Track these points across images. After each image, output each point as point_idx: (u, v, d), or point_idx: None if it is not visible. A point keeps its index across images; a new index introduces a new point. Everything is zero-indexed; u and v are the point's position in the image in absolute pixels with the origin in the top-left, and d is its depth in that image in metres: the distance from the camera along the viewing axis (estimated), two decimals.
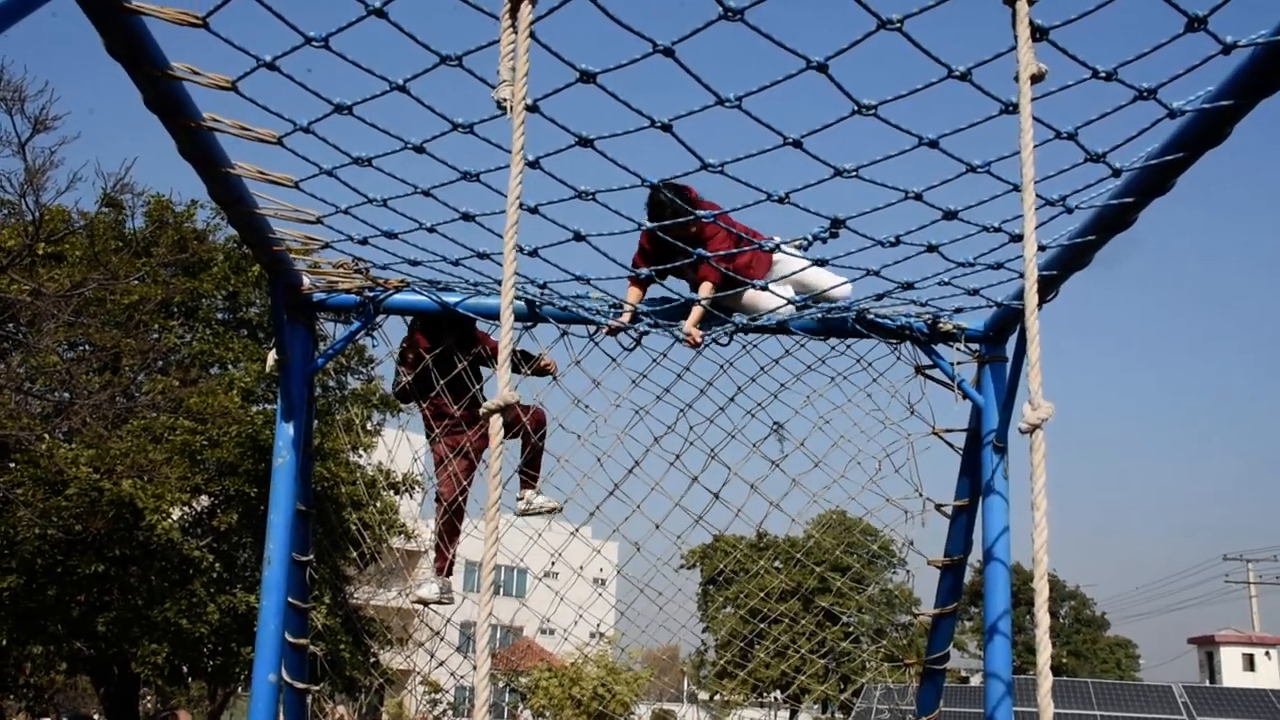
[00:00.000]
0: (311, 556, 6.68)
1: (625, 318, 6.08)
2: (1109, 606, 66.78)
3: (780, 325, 6.08)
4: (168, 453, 17.01)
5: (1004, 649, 5.99)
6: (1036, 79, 3.03)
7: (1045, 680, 2.67)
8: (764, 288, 5.74)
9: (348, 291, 6.42)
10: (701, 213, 5.39)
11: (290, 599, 6.34)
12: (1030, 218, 2.92)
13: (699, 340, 5.97)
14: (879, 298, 5.79)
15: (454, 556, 6.87)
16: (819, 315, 6.00)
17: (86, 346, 17.88)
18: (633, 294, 6.21)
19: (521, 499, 6.93)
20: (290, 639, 6.38)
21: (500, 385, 2.82)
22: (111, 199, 21.14)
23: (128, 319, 16.21)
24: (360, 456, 22.00)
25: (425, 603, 6.92)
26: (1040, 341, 5.59)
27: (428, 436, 6.86)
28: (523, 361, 6.75)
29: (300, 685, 6.59)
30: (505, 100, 2.99)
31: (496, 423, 2.78)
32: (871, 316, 5.96)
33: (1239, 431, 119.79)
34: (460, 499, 6.76)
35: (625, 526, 6.69)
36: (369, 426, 22.68)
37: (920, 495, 6.38)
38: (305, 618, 6.63)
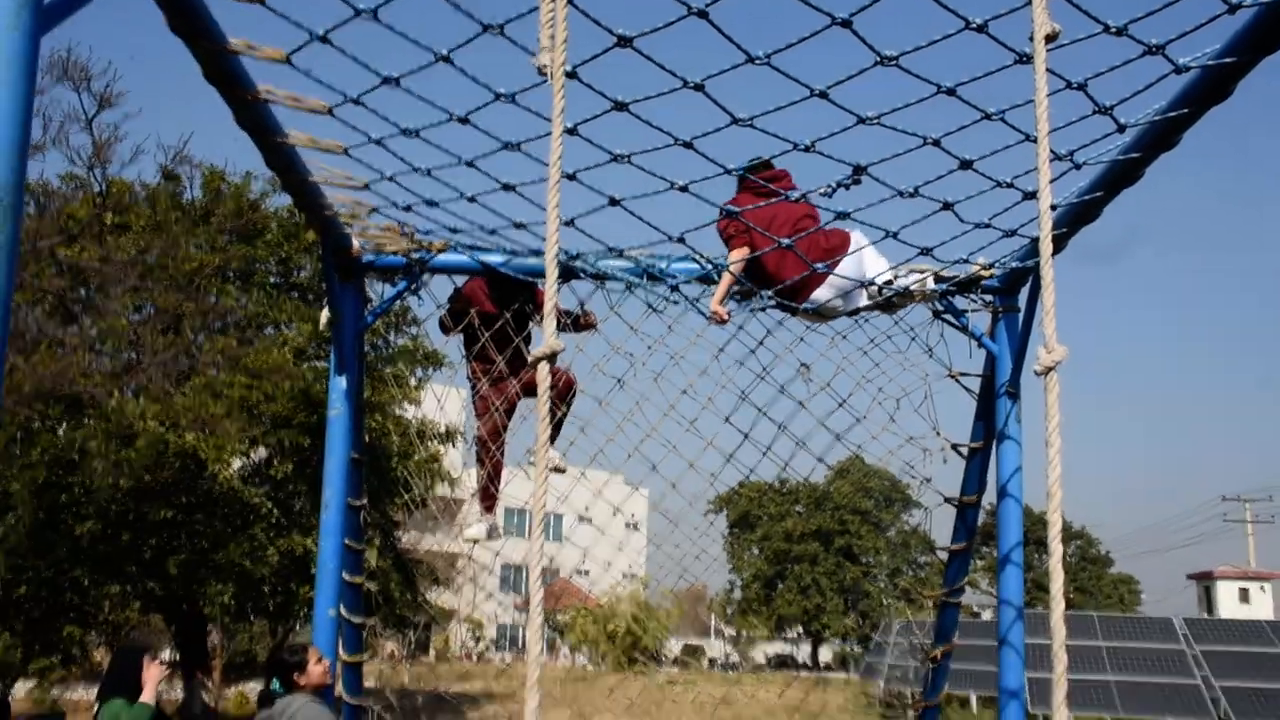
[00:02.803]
0: (365, 501, 6.71)
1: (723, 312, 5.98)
2: (1113, 546, 66.73)
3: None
4: (227, 407, 17.08)
5: (1016, 578, 6.03)
6: (1051, 39, 2.99)
7: (1058, 605, 2.67)
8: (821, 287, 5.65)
9: (394, 253, 6.42)
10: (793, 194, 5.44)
11: (346, 541, 6.40)
12: (1045, 171, 2.89)
13: (725, 317, 5.89)
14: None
15: (498, 494, 6.88)
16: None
17: (151, 309, 17.97)
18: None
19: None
20: (347, 578, 6.44)
21: (546, 335, 2.81)
22: (170, 172, 21.22)
23: (188, 283, 16.27)
24: (406, 410, 22.08)
25: (475, 541, 6.94)
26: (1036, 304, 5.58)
27: (472, 386, 6.86)
28: (565, 317, 6.73)
29: (356, 619, 6.65)
30: (546, 66, 2.96)
31: (544, 370, 2.78)
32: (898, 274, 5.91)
33: (1237, 380, 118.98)
34: (502, 444, 6.77)
35: (657, 469, 6.66)
36: (414, 381, 22.78)
37: (939, 434, 6.35)
38: (360, 558, 6.68)
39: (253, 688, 28.78)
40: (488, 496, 6.88)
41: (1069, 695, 2.66)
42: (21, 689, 20.39)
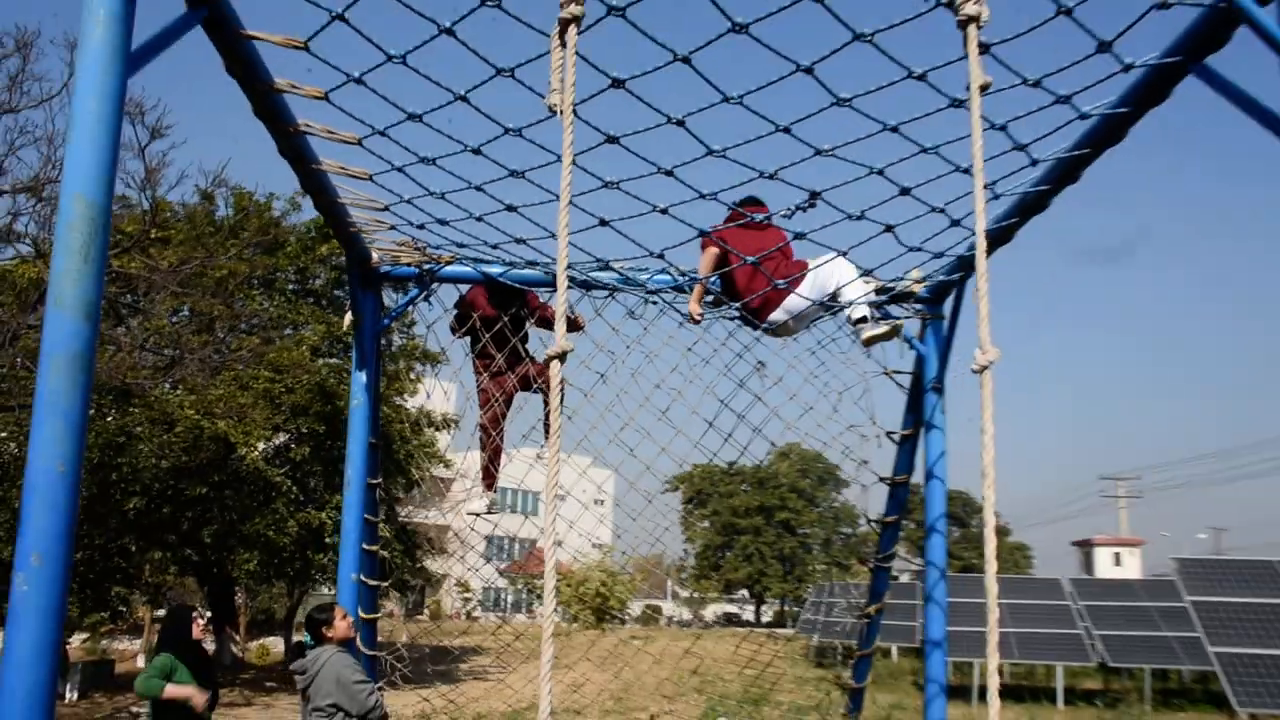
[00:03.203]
0: (380, 480, 6.67)
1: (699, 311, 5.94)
2: (1009, 518, 67.17)
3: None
4: (253, 398, 17.00)
5: (940, 545, 6.08)
6: (984, 89, 3.02)
7: (991, 565, 2.71)
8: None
9: (408, 265, 6.40)
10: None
11: (366, 515, 6.36)
12: (980, 201, 2.93)
13: (699, 318, 5.89)
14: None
15: (497, 473, 6.84)
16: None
17: (187, 312, 17.82)
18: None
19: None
20: (365, 547, 6.41)
21: (558, 337, 2.82)
22: (205, 193, 21.06)
23: (220, 290, 16.15)
24: (404, 400, 22.07)
25: (476, 514, 6.91)
26: (959, 312, 5.59)
27: (476, 378, 6.82)
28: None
29: (372, 582, 6.61)
30: (556, 105, 2.97)
31: (556, 367, 2.78)
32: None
33: (1113, 375, 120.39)
34: (501, 430, 6.73)
35: (622, 458, 6.67)
36: (411, 376, 22.74)
37: (874, 424, 6.38)
38: (376, 529, 6.64)
39: (272, 641, 28.60)
40: (488, 476, 6.85)
41: (999, 645, 2.69)
42: (76, 640, 20.21)
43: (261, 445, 18.34)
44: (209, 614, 21.49)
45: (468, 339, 6.84)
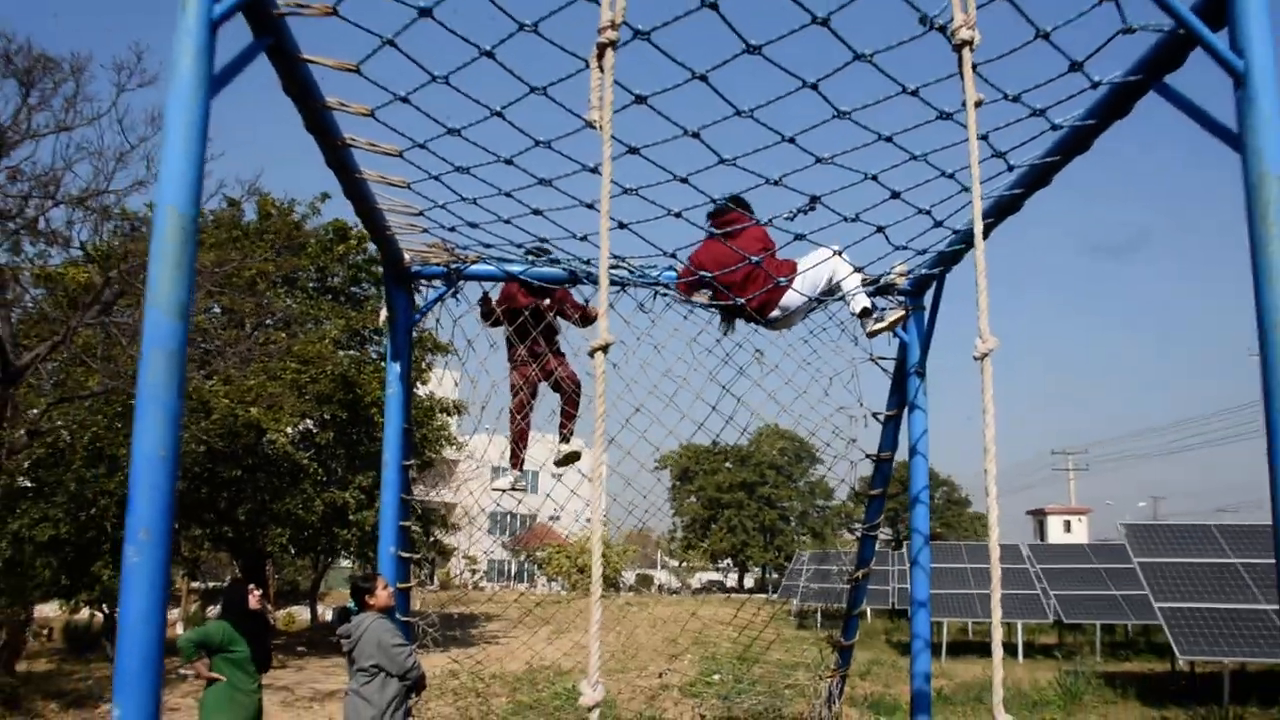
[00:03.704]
0: (413, 461, 6.71)
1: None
2: (969, 490, 67.45)
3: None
4: (282, 387, 17.01)
5: (923, 514, 6.17)
6: (978, 105, 3.10)
7: (994, 531, 2.78)
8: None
9: (437, 264, 6.44)
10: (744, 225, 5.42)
11: (402, 495, 6.42)
12: (978, 205, 3.01)
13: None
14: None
15: (524, 456, 6.86)
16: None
17: (219, 310, 17.80)
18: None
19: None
20: (402, 524, 6.47)
21: (601, 329, 2.87)
22: (232, 200, 21.02)
23: (249, 288, 16.14)
24: (418, 388, 22.10)
25: (502, 490, 6.94)
26: (943, 298, 5.66)
27: (509, 366, 6.80)
28: (576, 312, 6.78)
29: (404, 555, 6.66)
30: (596, 121, 3.03)
31: (600, 359, 2.84)
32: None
33: (1065, 355, 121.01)
34: (527, 413, 6.75)
35: (626, 435, 6.67)
36: (423, 365, 22.76)
37: (862, 405, 6.47)
38: (409, 507, 6.69)
39: (298, 610, 28.62)
40: (514, 456, 6.88)
41: (998, 605, 2.76)
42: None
43: (290, 430, 18.36)
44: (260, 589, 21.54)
45: (501, 328, 6.85)
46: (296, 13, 3.45)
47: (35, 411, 13.64)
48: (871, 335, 5.52)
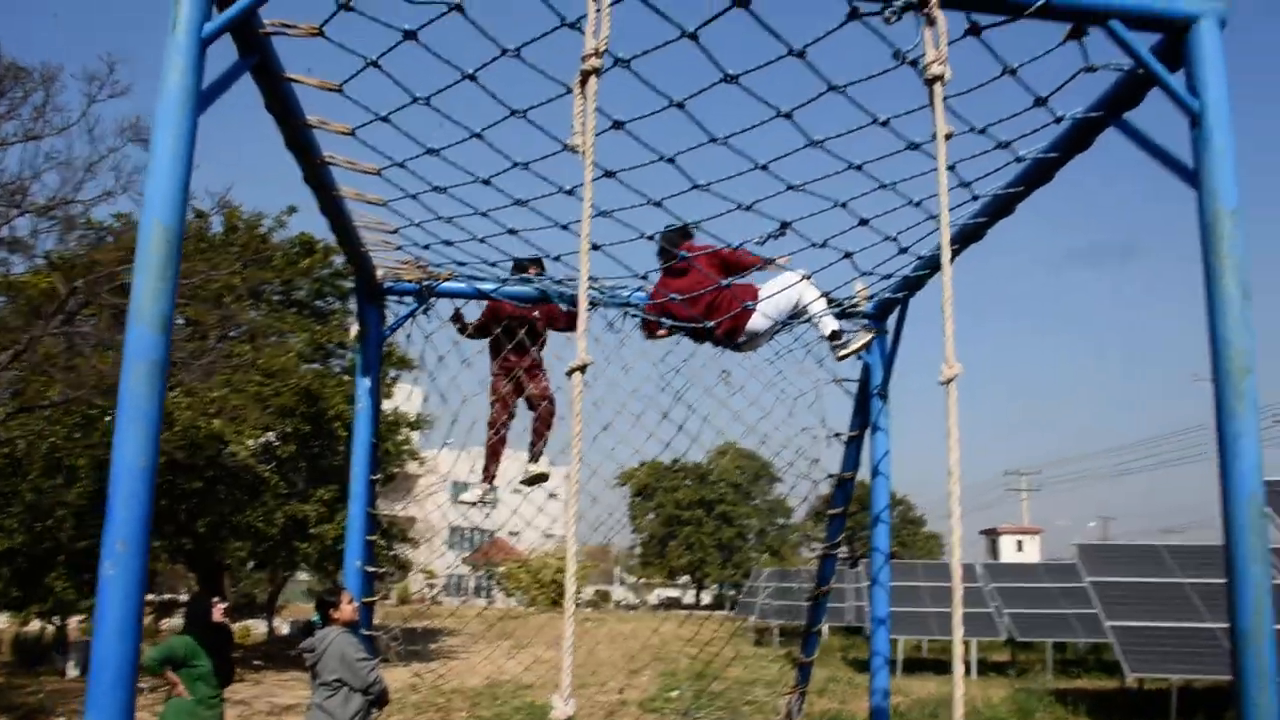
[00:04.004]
0: (380, 476, 6.67)
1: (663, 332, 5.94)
2: (923, 510, 67.96)
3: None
4: (245, 400, 16.83)
5: (884, 533, 6.24)
6: (949, 137, 3.18)
7: (956, 549, 2.84)
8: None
9: (410, 281, 6.43)
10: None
11: (369, 509, 6.38)
12: (945, 233, 3.08)
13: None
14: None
15: (496, 471, 6.80)
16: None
17: (183, 321, 17.60)
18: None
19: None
20: (367, 538, 6.42)
21: (579, 350, 2.90)
22: (200, 211, 20.80)
23: (216, 300, 15.97)
24: (383, 403, 21.94)
25: (471, 503, 6.88)
26: (905, 326, 5.73)
27: (492, 376, 6.75)
28: (561, 321, 6.73)
29: (369, 569, 6.62)
30: (578, 146, 3.07)
31: (578, 379, 2.87)
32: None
33: (1019, 379, 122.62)
34: (504, 427, 6.68)
35: (591, 453, 6.70)
36: (386, 380, 22.61)
37: (825, 426, 6.53)
38: (376, 521, 6.64)
39: (254, 623, 28.21)
40: (486, 470, 6.83)
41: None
42: (73, 622, 19.86)
43: (251, 443, 18.16)
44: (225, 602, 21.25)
45: (482, 341, 6.78)
46: (283, 32, 3.47)
47: None
48: (841, 359, 5.60)
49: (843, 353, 5.54)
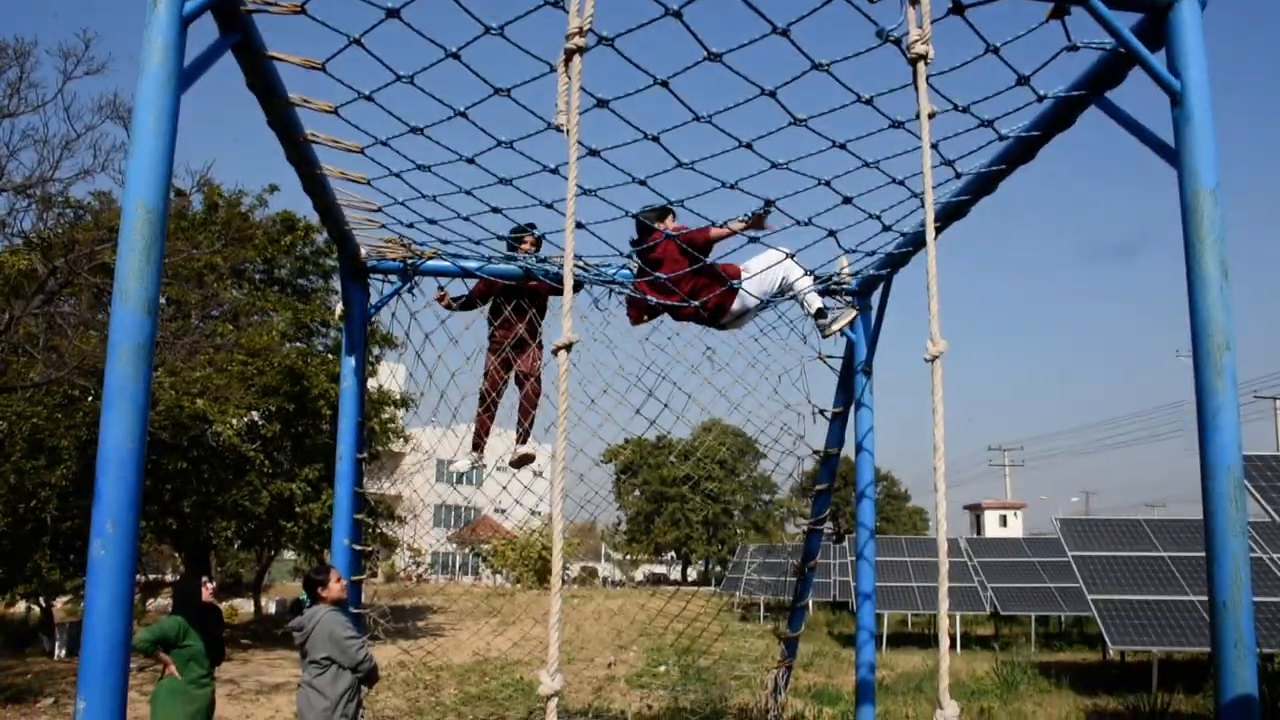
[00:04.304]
0: (365, 454, 6.67)
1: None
2: (908, 484, 68.44)
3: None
4: (228, 379, 16.75)
5: (869, 509, 6.30)
6: (932, 116, 3.19)
7: (942, 525, 2.88)
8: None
9: (394, 259, 6.43)
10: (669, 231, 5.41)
11: (356, 489, 6.39)
12: (930, 212, 3.10)
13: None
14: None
15: (484, 442, 6.73)
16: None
17: (164, 300, 17.50)
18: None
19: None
20: (354, 516, 6.44)
21: (564, 329, 2.90)
22: (179, 190, 20.63)
23: (198, 279, 15.87)
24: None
25: (460, 471, 6.81)
26: (889, 303, 5.77)
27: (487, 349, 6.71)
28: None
29: (356, 547, 6.64)
30: (563, 125, 3.07)
31: (564, 357, 2.88)
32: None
33: (1002, 357, 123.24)
34: (495, 395, 6.64)
35: (577, 432, 6.67)
36: (371, 358, 22.53)
37: (810, 402, 6.57)
38: (363, 500, 6.65)
39: (240, 603, 28.22)
40: (476, 439, 6.75)
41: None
42: (59, 603, 19.83)
43: (236, 422, 18.10)
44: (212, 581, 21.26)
45: (473, 314, 6.73)
46: (264, 10, 3.45)
47: None
48: (827, 335, 5.63)
49: (831, 329, 5.58)
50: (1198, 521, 14.74)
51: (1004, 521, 56.35)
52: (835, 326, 5.57)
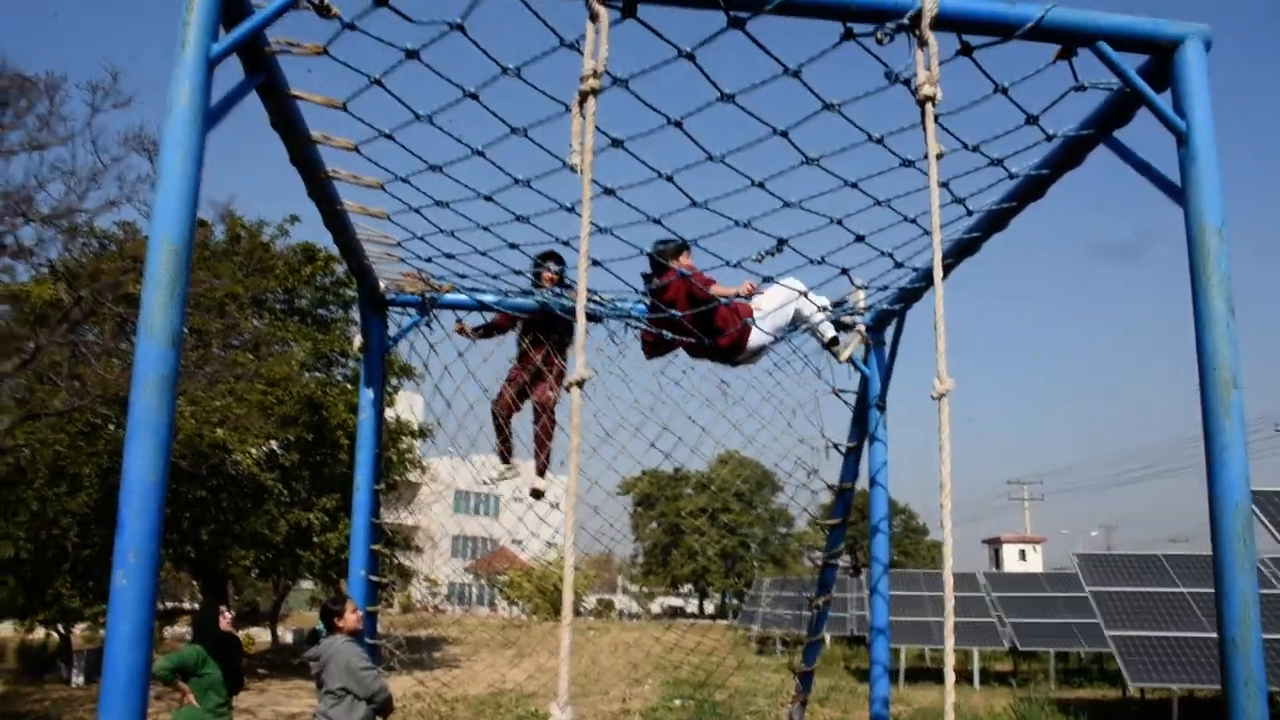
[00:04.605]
0: (383, 485, 6.71)
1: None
2: (926, 519, 67.88)
3: None
4: (248, 408, 16.90)
5: (884, 543, 6.29)
6: (940, 156, 3.25)
7: (948, 560, 2.90)
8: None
9: (412, 293, 6.50)
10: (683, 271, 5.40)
11: (373, 519, 6.43)
12: (938, 249, 3.15)
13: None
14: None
15: (509, 450, 6.58)
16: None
17: (185, 330, 17.69)
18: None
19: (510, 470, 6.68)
20: (371, 547, 6.47)
21: (578, 365, 2.95)
22: (201, 221, 20.91)
23: (219, 309, 16.05)
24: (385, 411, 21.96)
25: (492, 480, 6.76)
26: (903, 339, 5.80)
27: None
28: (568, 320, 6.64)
29: (374, 578, 6.66)
30: (577, 165, 3.14)
31: (577, 393, 2.93)
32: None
33: (1022, 388, 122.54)
34: (505, 415, 6.51)
35: (593, 465, 6.69)
36: (389, 388, 22.63)
37: (824, 436, 6.57)
38: (380, 531, 6.68)
39: (257, 632, 28.26)
40: (502, 453, 6.68)
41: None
42: (78, 630, 19.92)
43: (255, 451, 18.23)
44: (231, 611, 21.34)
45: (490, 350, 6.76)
46: (288, 51, 3.54)
47: None
48: (843, 361, 5.68)
49: (845, 354, 5.63)
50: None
51: (1023, 556, 55.86)
52: (848, 352, 5.63)
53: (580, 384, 2.96)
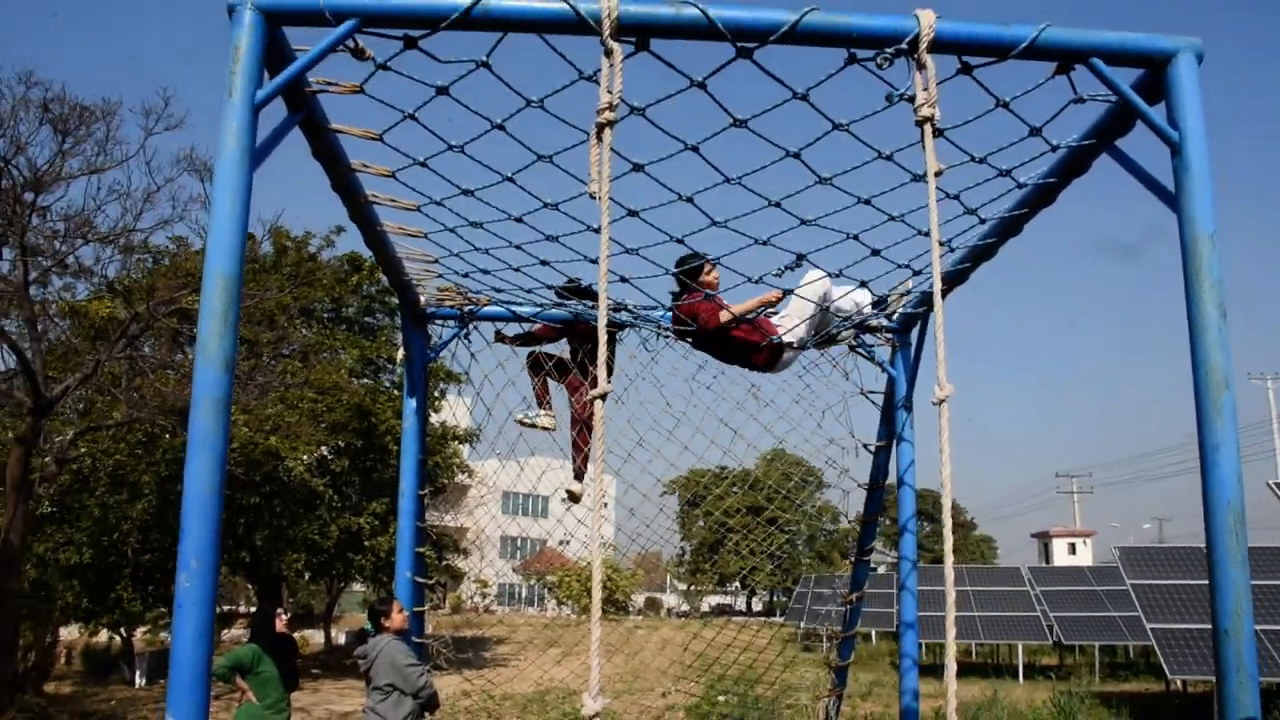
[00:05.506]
0: (428, 491, 6.95)
1: None
2: (975, 512, 67.38)
3: None
4: (299, 416, 17.33)
5: (911, 541, 6.43)
6: (938, 174, 3.40)
7: (949, 559, 3.07)
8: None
9: (451, 307, 6.74)
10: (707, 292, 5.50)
11: (418, 524, 6.68)
12: (937, 257, 3.31)
13: None
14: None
15: (584, 461, 6.67)
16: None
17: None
18: None
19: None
20: (417, 550, 6.72)
21: (600, 379, 3.15)
22: (250, 235, 21.42)
23: (269, 320, 16.50)
24: (431, 416, 22.35)
25: (529, 423, 6.84)
26: (923, 341, 5.92)
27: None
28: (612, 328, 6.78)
29: (420, 580, 6.90)
30: (595, 193, 3.34)
31: (599, 406, 3.13)
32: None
33: (1071, 385, 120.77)
34: (577, 434, 6.66)
35: (630, 467, 6.87)
36: (435, 393, 23.03)
37: (853, 437, 6.72)
38: (425, 534, 6.92)
39: (311, 633, 28.83)
40: (578, 470, 6.87)
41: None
42: (138, 633, 20.51)
43: (306, 458, 18.67)
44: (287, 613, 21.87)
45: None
46: (326, 90, 3.78)
47: (61, 439, 14.01)
48: (891, 316, 5.83)
49: (894, 306, 5.78)
50: (1262, 549, 14.47)
51: (1073, 549, 55.25)
52: (896, 305, 5.78)
53: (603, 397, 3.17)
